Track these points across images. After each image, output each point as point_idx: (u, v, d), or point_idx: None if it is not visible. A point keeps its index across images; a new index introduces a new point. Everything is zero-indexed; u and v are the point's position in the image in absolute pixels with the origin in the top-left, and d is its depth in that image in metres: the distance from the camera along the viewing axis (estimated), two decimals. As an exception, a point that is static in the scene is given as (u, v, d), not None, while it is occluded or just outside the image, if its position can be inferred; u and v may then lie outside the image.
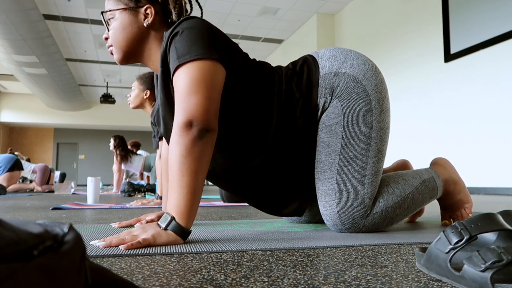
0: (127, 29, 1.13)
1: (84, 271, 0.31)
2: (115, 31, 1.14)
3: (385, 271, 0.63)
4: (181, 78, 0.95)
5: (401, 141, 5.62)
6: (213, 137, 0.94)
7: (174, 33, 0.98)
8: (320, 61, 1.12)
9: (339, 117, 1.07)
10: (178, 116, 0.93)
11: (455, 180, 1.24)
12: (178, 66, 0.95)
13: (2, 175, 5.17)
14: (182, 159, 0.90)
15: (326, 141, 1.08)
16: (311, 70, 1.11)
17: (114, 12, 1.14)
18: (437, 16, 5.04)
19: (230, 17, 7.22)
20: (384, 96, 1.11)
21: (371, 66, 1.12)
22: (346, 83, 1.08)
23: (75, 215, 1.73)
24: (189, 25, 0.98)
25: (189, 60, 0.94)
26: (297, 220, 1.35)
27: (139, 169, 4.92)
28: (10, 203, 2.69)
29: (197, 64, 0.94)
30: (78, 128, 15.82)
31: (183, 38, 0.97)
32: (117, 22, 1.14)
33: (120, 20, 1.14)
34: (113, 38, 1.15)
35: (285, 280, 0.57)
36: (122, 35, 1.14)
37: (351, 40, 6.79)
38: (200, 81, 0.93)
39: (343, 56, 1.11)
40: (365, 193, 1.07)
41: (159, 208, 2.17)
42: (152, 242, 0.85)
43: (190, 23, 0.99)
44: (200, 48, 0.95)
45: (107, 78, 11.27)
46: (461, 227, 0.54)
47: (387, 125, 1.12)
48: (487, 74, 4.36)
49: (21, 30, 6.64)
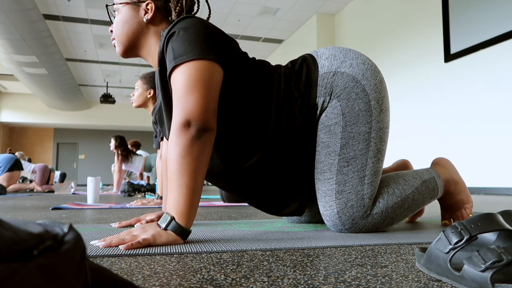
0: (128, 23, 1.16)
1: (84, 271, 0.31)
2: (117, 24, 1.18)
3: (385, 271, 0.63)
4: (179, 78, 0.95)
5: (401, 141, 5.62)
6: (212, 137, 0.94)
7: (171, 33, 0.99)
8: (319, 60, 1.12)
9: (338, 117, 1.07)
10: (176, 116, 0.93)
11: (456, 181, 1.24)
12: (175, 67, 0.96)
13: (2, 175, 5.17)
14: (181, 159, 0.90)
15: (326, 142, 1.08)
16: (310, 69, 1.11)
17: (118, 5, 1.18)
18: (437, 16, 5.04)
19: (230, 17, 7.22)
20: (384, 96, 1.11)
21: (370, 65, 1.11)
22: (345, 82, 1.07)
23: (75, 215, 1.73)
24: (185, 25, 0.98)
25: (186, 61, 0.94)
26: (297, 220, 1.35)
27: (140, 169, 4.92)
28: (10, 203, 2.69)
29: (194, 64, 0.94)
30: (78, 128, 15.81)
31: (180, 38, 0.97)
32: (120, 15, 1.17)
33: (122, 14, 1.17)
34: (115, 32, 1.19)
35: (285, 280, 0.57)
36: (123, 29, 1.17)
37: (351, 40, 6.79)
38: (197, 80, 0.93)
39: (343, 56, 1.11)
40: (364, 193, 1.06)
41: (159, 208, 2.17)
42: (152, 242, 0.85)
43: (187, 23, 0.99)
44: (196, 49, 0.95)
45: (107, 78, 11.27)
46: (461, 227, 0.54)
47: (387, 125, 1.12)
48: (487, 74, 4.36)
49: (21, 30, 6.64)
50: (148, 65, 9.98)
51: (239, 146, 1.08)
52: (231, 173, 1.11)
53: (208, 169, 1.12)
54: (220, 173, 1.13)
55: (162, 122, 1.25)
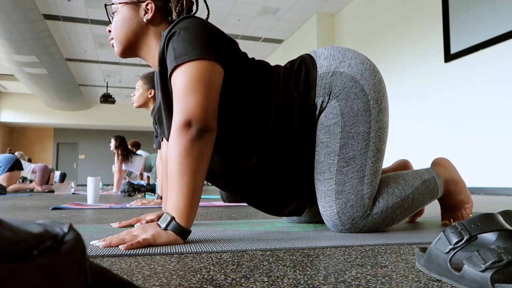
0: (127, 23, 1.15)
1: (84, 271, 0.31)
2: (116, 24, 1.17)
3: (385, 271, 0.63)
4: (179, 78, 0.95)
5: (401, 141, 5.62)
6: (212, 137, 0.94)
7: (172, 33, 0.98)
8: (318, 60, 1.12)
9: (337, 117, 1.07)
10: (176, 116, 0.93)
11: (456, 181, 1.24)
12: (176, 67, 0.95)
13: (2, 175, 5.17)
14: (181, 159, 0.90)
15: (325, 142, 1.08)
16: (308, 69, 1.11)
17: (117, 5, 1.17)
18: (437, 16, 5.04)
19: (230, 17, 7.22)
20: (382, 96, 1.11)
21: (369, 65, 1.11)
22: (344, 83, 1.07)
23: (75, 215, 1.73)
24: (186, 25, 0.98)
25: (187, 61, 0.94)
26: (297, 220, 1.35)
27: (140, 169, 4.92)
28: (10, 203, 2.69)
29: (194, 64, 0.94)
30: (78, 128, 15.81)
31: (181, 38, 0.97)
32: (119, 15, 1.17)
33: (121, 14, 1.16)
34: (114, 31, 1.18)
35: (285, 280, 0.57)
36: (122, 29, 1.16)
37: (351, 40, 6.79)
38: (198, 81, 0.93)
39: (341, 55, 1.11)
40: (364, 193, 1.06)
41: (159, 208, 2.17)
42: (152, 242, 0.85)
43: (187, 23, 0.99)
44: (197, 49, 0.95)
45: (107, 78, 11.27)
46: (461, 227, 0.54)
47: (386, 125, 1.12)
48: (487, 74, 4.36)
49: (21, 30, 6.64)
50: (148, 65, 9.98)
51: (239, 146, 1.08)
52: (231, 173, 1.11)
53: (208, 169, 1.12)
54: (219, 173, 1.13)
55: (161, 122, 1.25)
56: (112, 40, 1.20)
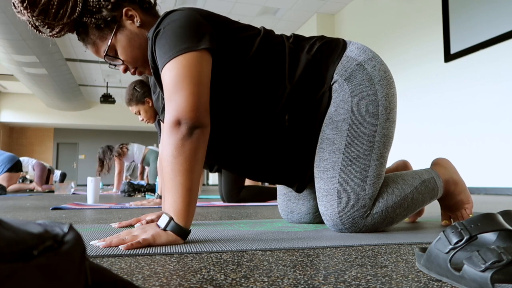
0: (131, 42, 1.12)
1: (84, 271, 0.31)
2: (125, 52, 1.12)
3: (385, 271, 0.63)
4: (166, 77, 0.94)
5: (401, 142, 5.62)
6: (205, 133, 0.93)
7: (156, 32, 0.98)
8: (350, 45, 1.15)
9: (347, 113, 1.08)
10: (167, 115, 0.93)
11: (456, 181, 1.24)
12: (163, 66, 0.95)
13: (1, 175, 5.17)
14: (173, 159, 0.89)
15: (331, 138, 1.09)
16: (338, 45, 1.14)
17: (108, 42, 1.12)
18: (437, 16, 5.04)
19: (230, 17, 7.21)
20: (392, 108, 1.13)
21: (389, 77, 1.14)
22: (362, 80, 1.09)
23: (75, 215, 1.73)
24: (168, 21, 0.98)
25: (172, 58, 0.93)
26: (297, 220, 1.35)
27: (140, 159, 4.99)
28: (10, 203, 2.69)
29: (179, 60, 0.93)
30: (78, 128, 15.81)
31: (165, 35, 0.96)
32: (119, 45, 1.12)
33: (121, 42, 1.12)
34: (131, 60, 1.14)
35: (285, 280, 0.57)
36: (133, 50, 1.12)
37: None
38: (184, 77, 0.92)
39: (372, 54, 1.14)
40: (366, 193, 1.07)
41: (159, 208, 2.17)
42: (152, 242, 0.85)
43: (171, 18, 0.98)
44: (181, 43, 0.94)
45: (107, 78, 11.27)
46: (461, 227, 0.54)
47: (391, 135, 1.13)
48: (487, 74, 4.36)
49: (21, 30, 6.64)
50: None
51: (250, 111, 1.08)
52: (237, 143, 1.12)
53: (212, 147, 1.11)
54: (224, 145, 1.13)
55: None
56: (136, 70, 1.16)
